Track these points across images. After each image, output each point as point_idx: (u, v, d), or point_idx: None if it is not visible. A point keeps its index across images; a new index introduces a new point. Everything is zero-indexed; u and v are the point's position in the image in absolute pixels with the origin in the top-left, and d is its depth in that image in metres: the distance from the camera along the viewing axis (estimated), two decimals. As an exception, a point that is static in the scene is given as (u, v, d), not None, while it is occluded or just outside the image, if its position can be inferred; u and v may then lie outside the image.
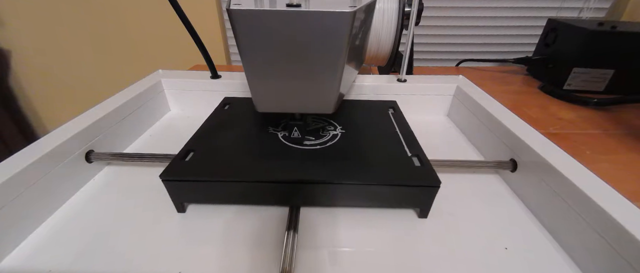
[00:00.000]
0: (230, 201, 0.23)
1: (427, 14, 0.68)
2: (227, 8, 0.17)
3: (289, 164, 0.22)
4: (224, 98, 0.33)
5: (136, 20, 0.73)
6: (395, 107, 0.32)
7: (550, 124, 0.38)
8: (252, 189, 0.21)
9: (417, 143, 0.25)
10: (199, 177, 0.21)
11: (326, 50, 0.18)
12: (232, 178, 0.21)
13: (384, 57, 0.38)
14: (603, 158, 0.31)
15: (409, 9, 0.33)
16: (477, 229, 0.21)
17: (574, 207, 0.19)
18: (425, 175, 0.21)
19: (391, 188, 0.21)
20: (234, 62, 0.79)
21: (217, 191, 0.22)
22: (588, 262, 0.18)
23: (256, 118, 0.29)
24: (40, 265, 0.18)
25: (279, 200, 0.22)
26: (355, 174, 0.21)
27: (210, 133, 0.26)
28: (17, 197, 0.19)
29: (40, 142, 0.23)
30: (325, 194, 0.21)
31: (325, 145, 0.24)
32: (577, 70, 0.45)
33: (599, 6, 0.67)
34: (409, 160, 0.22)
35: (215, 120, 0.28)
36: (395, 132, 0.27)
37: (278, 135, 0.26)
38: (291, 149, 0.24)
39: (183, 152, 0.23)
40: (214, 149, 0.24)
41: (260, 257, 0.19)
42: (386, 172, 0.21)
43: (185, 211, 0.22)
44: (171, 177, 0.21)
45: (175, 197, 0.21)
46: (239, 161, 0.22)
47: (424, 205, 0.22)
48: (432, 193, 0.21)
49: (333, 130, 0.27)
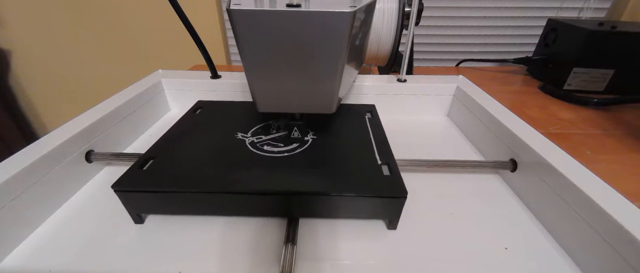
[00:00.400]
0: (190, 212, 0.22)
1: (427, 14, 0.68)
2: (227, 8, 0.17)
3: (251, 173, 0.21)
4: (197, 101, 0.32)
5: (136, 20, 0.73)
6: (373, 112, 0.31)
7: (550, 123, 0.38)
8: (212, 200, 0.20)
9: (389, 150, 0.24)
10: (153, 188, 0.19)
11: (326, 50, 0.18)
12: (188, 189, 0.20)
13: (384, 57, 0.38)
14: (603, 159, 0.31)
15: (409, 9, 0.33)
16: (477, 229, 0.21)
17: (574, 207, 0.19)
18: (392, 185, 0.20)
19: (356, 199, 0.20)
20: (234, 62, 0.79)
21: (174, 202, 0.20)
22: (588, 262, 0.18)
23: (226, 123, 0.28)
24: (40, 265, 0.18)
25: (238, 211, 0.21)
26: (319, 184, 0.20)
27: (175, 139, 0.25)
28: (17, 197, 0.19)
29: (40, 142, 0.23)
30: (287, 204, 0.20)
31: (294, 152, 0.23)
32: (577, 70, 0.45)
33: (599, 6, 0.67)
34: (378, 169, 0.21)
35: (183, 126, 0.27)
36: (368, 138, 0.25)
37: (245, 142, 0.25)
38: (256, 157, 0.23)
39: (142, 159, 0.22)
40: (175, 157, 0.22)
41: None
42: (352, 181, 0.20)
43: (143, 222, 0.21)
44: (124, 188, 0.19)
45: (130, 207, 0.20)
46: (199, 170, 0.21)
47: (392, 216, 0.20)
48: (399, 204, 0.20)
49: (304, 136, 0.26)
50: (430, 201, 0.24)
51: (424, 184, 0.25)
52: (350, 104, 0.32)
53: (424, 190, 0.25)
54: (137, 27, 0.74)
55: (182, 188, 0.20)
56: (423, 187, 0.25)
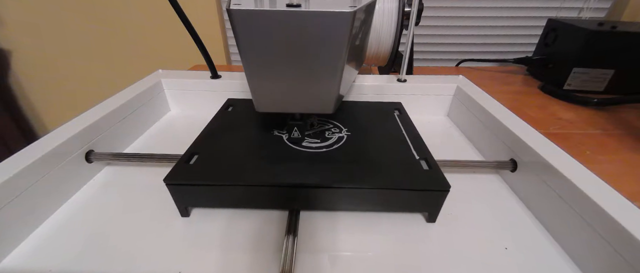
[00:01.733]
0: (235, 205, 0.22)
1: (427, 14, 0.68)
2: (227, 8, 0.17)
3: (295, 167, 0.22)
4: (227, 99, 0.33)
5: (136, 20, 0.73)
6: (401, 109, 0.32)
7: (551, 123, 0.38)
8: (259, 193, 0.21)
9: (425, 146, 0.24)
10: (203, 181, 0.20)
11: (326, 50, 0.18)
12: (238, 183, 0.20)
13: (384, 57, 0.38)
14: (603, 159, 0.31)
15: (409, 9, 0.33)
16: (477, 229, 0.21)
17: (574, 206, 0.19)
18: (434, 179, 0.21)
19: (400, 193, 0.20)
20: (234, 62, 0.79)
21: (222, 195, 0.21)
22: (588, 262, 0.18)
23: (260, 120, 0.28)
24: (40, 265, 0.18)
25: (285, 204, 0.22)
26: (362, 178, 0.20)
27: (214, 135, 0.26)
28: (17, 197, 0.19)
29: (40, 142, 0.23)
30: (332, 198, 0.21)
31: (332, 148, 0.24)
32: (577, 70, 0.45)
33: (599, 6, 0.67)
34: (417, 164, 0.22)
35: (219, 122, 0.28)
36: (401, 135, 0.26)
37: (283, 138, 0.25)
38: (297, 152, 0.23)
39: (187, 154, 0.22)
40: (218, 152, 0.23)
41: (260, 259, 0.19)
42: (394, 175, 0.21)
43: (190, 215, 0.22)
44: (175, 181, 0.20)
45: (179, 201, 0.21)
46: (244, 164, 0.22)
47: (432, 209, 0.21)
48: (442, 197, 0.20)
49: (338, 132, 0.26)
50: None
51: (424, 184, 0.25)
52: (377, 102, 0.34)
53: (424, 190, 0.24)
54: (137, 27, 0.74)
55: (230, 182, 0.20)
56: (423, 187, 0.25)
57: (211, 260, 0.19)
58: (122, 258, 0.19)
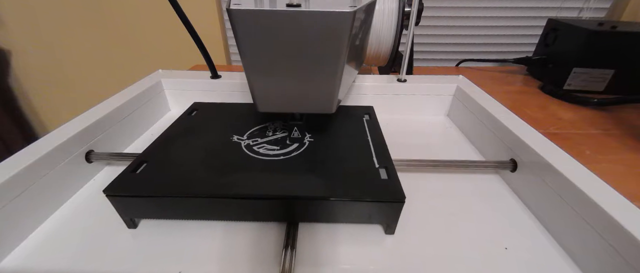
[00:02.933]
0: (183, 217, 0.21)
1: (427, 14, 0.68)
2: (227, 8, 0.17)
3: (246, 177, 0.21)
4: (193, 103, 0.32)
5: (136, 20, 0.73)
6: (371, 114, 0.30)
7: (551, 123, 0.38)
8: (204, 204, 0.20)
9: (388, 153, 0.23)
10: (145, 193, 0.19)
11: (326, 50, 0.18)
12: (182, 194, 0.19)
13: (384, 57, 0.38)
14: (603, 159, 0.31)
15: (409, 9, 0.33)
16: (477, 229, 0.21)
17: (574, 207, 0.19)
18: (389, 189, 0.19)
19: (353, 204, 0.19)
20: (234, 62, 0.79)
21: (166, 207, 0.20)
22: (588, 262, 0.18)
23: (221, 125, 0.27)
24: (40, 265, 0.18)
25: (233, 215, 0.21)
26: (315, 188, 0.19)
27: (169, 142, 0.25)
28: (17, 197, 0.19)
29: (40, 142, 0.23)
30: (283, 209, 0.20)
31: (290, 156, 0.23)
32: (577, 70, 0.45)
33: (599, 6, 0.67)
34: (376, 173, 0.21)
35: (178, 128, 0.27)
36: (366, 141, 0.25)
37: (241, 144, 0.24)
38: (252, 160, 0.22)
39: (135, 163, 0.21)
40: (169, 160, 0.22)
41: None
42: (349, 185, 0.20)
43: (136, 227, 0.21)
44: (115, 192, 0.19)
45: (122, 212, 0.20)
46: (192, 174, 0.21)
47: (389, 220, 0.20)
48: (397, 209, 0.19)
49: (301, 138, 0.25)
50: (430, 201, 0.23)
51: (424, 184, 0.25)
52: (348, 106, 0.32)
53: (424, 190, 0.25)
54: (137, 27, 0.74)
55: (175, 193, 0.19)
56: (423, 187, 0.25)
57: (211, 259, 0.19)
58: (122, 258, 0.19)
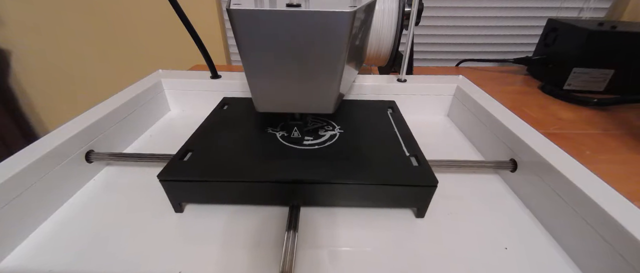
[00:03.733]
0: (229, 201, 0.23)
1: (427, 14, 0.68)
2: (227, 8, 0.17)
3: (287, 164, 0.22)
4: (222, 98, 0.33)
5: (136, 20, 0.73)
6: (394, 107, 0.32)
7: (551, 123, 0.38)
8: (251, 189, 0.21)
9: (416, 143, 0.25)
10: (197, 177, 0.21)
11: (326, 50, 0.18)
12: (231, 179, 0.21)
13: (384, 57, 0.38)
14: (603, 159, 0.31)
15: (409, 9, 0.33)
16: (477, 229, 0.21)
17: (574, 207, 0.19)
18: (422, 174, 0.21)
19: (389, 188, 0.21)
20: (234, 62, 0.79)
21: (215, 191, 0.22)
22: (588, 262, 0.18)
23: (255, 118, 0.29)
24: (40, 265, 0.18)
25: (278, 200, 0.22)
26: (353, 174, 0.21)
27: (209, 133, 0.26)
28: (17, 197, 0.19)
29: (40, 142, 0.23)
30: (323, 194, 0.22)
31: (324, 145, 0.24)
32: (577, 70, 0.45)
33: (599, 6, 0.67)
34: (407, 160, 0.23)
35: (214, 120, 0.28)
36: (393, 132, 0.27)
37: (276, 135, 0.26)
38: (289, 149, 0.24)
39: (181, 151, 0.23)
40: (212, 149, 0.24)
41: (260, 256, 0.19)
42: (384, 171, 0.21)
43: (183, 211, 0.22)
44: (169, 177, 0.20)
45: (173, 197, 0.21)
46: (237, 161, 0.22)
47: (421, 204, 0.22)
48: (429, 192, 0.21)
49: (331, 130, 0.27)
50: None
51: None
52: (370, 100, 0.34)
53: (424, 190, 0.25)
54: (137, 27, 0.74)
55: (223, 178, 0.21)
56: (423, 187, 0.25)
57: (211, 257, 0.19)
58: (122, 258, 0.19)
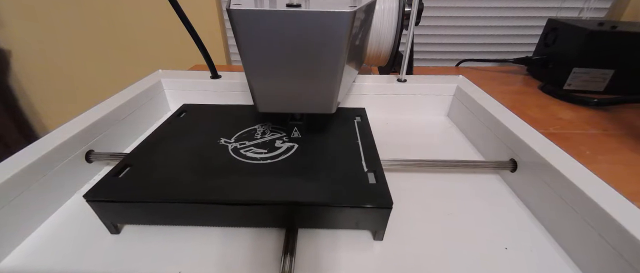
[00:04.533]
0: (165, 222, 0.21)
1: (427, 14, 0.68)
2: (227, 8, 0.17)
3: (232, 181, 0.20)
4: (182, 104, 0.32)
5: (136, 20, 0.73)
6: (363, 115, 0.30)
7: (550, 124, 0.38)
8: (185, 210, 0.19)
9: (377, 157, 0.23)
10: (126, 198, 0.19)
11: (326, 50, 0.18)
12: (161, 199, 0.19)
13: (384, 57, 0.38)
14: (603, 159, 0.31)
15: (409, 9, 0.34)
16: (477, 229, 0.21)
17: (574, 207, 0.19)
18: (377, 194, 0.19)
19: (340, 210, 0.19)
20: (234, 62, 0.79)
21: (148, 212, 0.19)
22: (588, 262, 0.18)
23: (209, 127, 0.27)
24: (40, 265, 0.18)
25: (219, 221, 0.20)
26: (300, 193, 0.19)
27: (155, 145, 0.24)
28: (17, 197, 0.19)
29: (40, 142, 0.23)
30: (271, 215, 0.19)
31: (277, 159, 0.22)
32: (577, 70, 0.45)
33: (599, 6, 0.67)
34: (364, 177, 0.20)
35: (165, 130, 0.27)
36: (356, 144, 0.24)
37: (228, 148, 0.24)
38: (239, 163, 0.22)
39: (119, 167, 0.21)
40: (153, 164, 0.22)
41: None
42: (335, 190, 0.19)
43: (120, 233, 0.20)
44: (96, 197, 0.19)
45: (104, 217, 0.20)
46: (176, 178, 0.20)
47: (377, 226, 0.19)
48: (384, 214, 0.19)
49: (289, 141, 0.25)
50: (430, 201, 0.24)
51: (424, 184, 0.25)
52: (340, 108, 0.31)
53: (423, 190, 0.25)
54: (137, 27, 0.74)
55: (154, 198, 0.19)
56: (423, 187, 0.25)
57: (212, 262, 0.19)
58: (122, 258, 0.19)
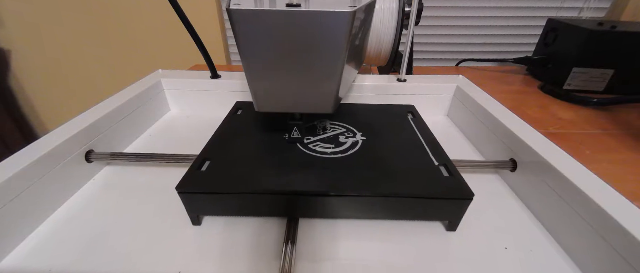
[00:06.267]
0: (250, 214, 0.21)
1: (427, 14, 0.68)
2: (227, 8, 0.17)
3: (311, 174, 0.21)
4: (236, 102, 0.32)
5: (136, 20, 0.73)
6: (415, 112, 0.31)
7: (551, 124, 0.38)
8: (275, 202, 0.20)
9: (443, 151, 0.24)
10: (217, 189, 0.20)
11: (326, 50, 0.18)
12: (254, 191, 0.20)
13: (384, 57, 0.38)
14: (603, 158, 0.31)
15: (409, 9, 0.33)
16: (477, 229, 0.21)
17: (574, 207, 0.19)
18: (456, 186, 0.20)
19: (422, 202, 0.20)
20: (234, 62, 0.79)
21: (236, 204, 0.20)
22: (588, 262, 0.18)
23: (271, 124, 0.28)
24: (40, 265, 0.18)
25: (301, 212, 0.21)
26: (383, 186, 0.20)
27: (225, 140, 0.25)
28: (17, 197, 0.19)
29: (40, 142, 0.23)
30: (351, 206, 0.20)
31: (347, 154, 0.23)
32: (577, 70, 0.45)
33: (599, 6, 0.67)
34: (437, 171, 0.21)
35: (229, 127, 0.27)
36: (418, 140, 0.25)
37: (296, 143, 0.25)
38: (312, 158, 0.23)
39: (199, 161, 0.22)
40: (230, 159, 0.22)
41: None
42: (415, 183, 0.20)
43: (201, 224, 0.21)
44: (188, 189, 0.19)
45: (191, 209, 0.20)
46: (258, 172, 0.21)
47: (454, 217, 0.21)
48: (464, 206, 0.20)
49: (353, 137, 0.26)
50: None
51: (424, 184, 0.25)
52: (389, 105, 0.32)
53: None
54: (137, 27, 0.74)
55: (245, 190, 0.20)
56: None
57: (212, 261, 0.19)
58: (122, 258, 0.19)
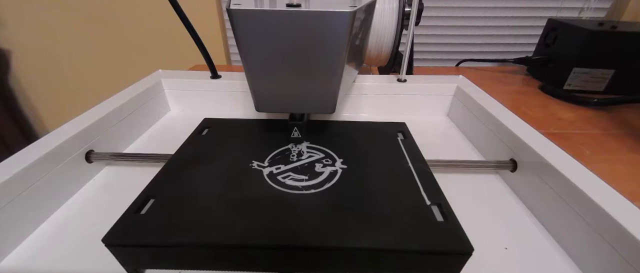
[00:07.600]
0: (199, 267, 0.18)
1: (427, 14, 0.68)
2: (227, 8, 0.17)
3: (277, 218, 0.18)
4: (203, 120, 0.29)
5: (136, 20, 0.73)
6: (405, 132, 0.27)
7: (551, 124, 0.38)
8: (228, 255, 0.17)
9: (437, 185, 0.20)
10: (154, 241, 0.16)
11: (326, 50, 0.18)
12: (197, 244, 0.16)
13: (384, 57, 0.38)
14: (603, 158, 0.31)
15: (409, 9, 0.33)
16: (477, 229, 0.21)
17: (574, 206, 0.19)
18: (451, 235, 0.16)
19: (407, 255, 0.16)
20: (234, 62, 0.79)
21: (177, 259, 0.17)
22: (588, 262, 0.18)
23: (237, 147, 0.25)
24: (40, 265, 0.18)
25: (262, 266, 0.18)
26: (360, 235, 0.16)
27: (180, 170, 0.22)
28: (17, 197, 0.19)
29: (40, 142, 0.23)
30: (321, 262, 0.17)
31: (322, 188, 0.20)
32: (577, 70, 0.45)
33: (599, 6, 0.67)
34: (428, 212, 0.18)
35: (188, 152, 0.24)
36: (407, 168, 0.22)
37: (263, 173, 0.21)
38: (279, 195, 0.19)
39: (140, 200, 0.18)
40: (180, 195, 0.19)
41: None
42: (400, 231, 0.17)
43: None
44: (118, 241, 0.16)
45: (126, 263, 0.17)
46: (210, 214, 0.18)
47: (448, 272, 0.17)
48: (461, 261, 0.16)
49: (331, 165, 0.22)
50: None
51: (424, 184, 0.25)
52: (377, 122, 0.29)
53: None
54: (137, 27, 0.74)
55: (190, 242, 0.16)
56: (423, 187, 0.25)
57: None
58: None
